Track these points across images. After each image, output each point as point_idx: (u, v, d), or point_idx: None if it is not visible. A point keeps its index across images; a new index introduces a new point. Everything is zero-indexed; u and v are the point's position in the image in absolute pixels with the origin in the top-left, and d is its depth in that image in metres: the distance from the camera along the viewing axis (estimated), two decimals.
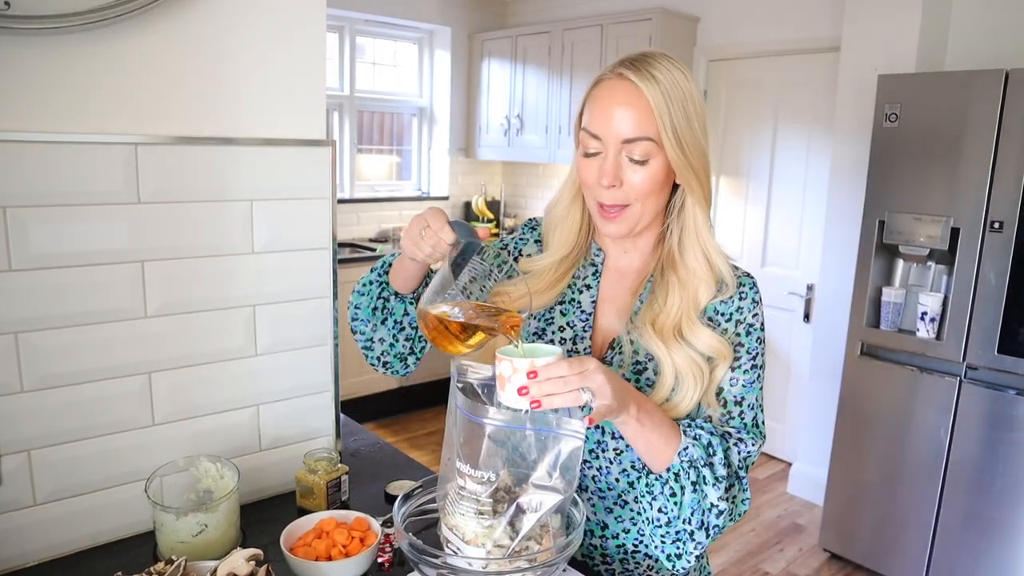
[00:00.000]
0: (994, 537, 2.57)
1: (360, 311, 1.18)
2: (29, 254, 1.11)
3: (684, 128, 1.00)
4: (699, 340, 1.05)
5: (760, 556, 3.13)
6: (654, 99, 0.98)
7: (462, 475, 0.96)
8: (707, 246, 1.07)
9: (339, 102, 4.84)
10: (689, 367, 1.04)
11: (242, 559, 1.01)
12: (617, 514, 1.14)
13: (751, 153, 3.95)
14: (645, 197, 1.04)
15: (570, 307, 1.17)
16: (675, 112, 0.99)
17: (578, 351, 1.14)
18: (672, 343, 1.04)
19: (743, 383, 1.07)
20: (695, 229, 1.07)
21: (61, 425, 1.18)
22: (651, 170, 1.02)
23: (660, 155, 1.01)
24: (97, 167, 1.16)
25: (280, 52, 1.34)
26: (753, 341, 1.08)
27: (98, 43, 1.15)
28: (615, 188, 1.03)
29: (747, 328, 1.08)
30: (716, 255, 1.08)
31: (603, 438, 1.12)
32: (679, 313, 1.06)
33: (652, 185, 1.03)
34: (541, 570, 0.94)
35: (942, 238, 2.61)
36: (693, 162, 1.02)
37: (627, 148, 1.01)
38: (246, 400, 1.38)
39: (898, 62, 3.01)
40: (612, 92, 1.02)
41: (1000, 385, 2.53)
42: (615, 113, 1.00)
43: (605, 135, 1.02)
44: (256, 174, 1.32)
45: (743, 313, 1.08)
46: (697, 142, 1.02)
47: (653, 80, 0.98)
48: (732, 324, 1.08)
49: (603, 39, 4.19)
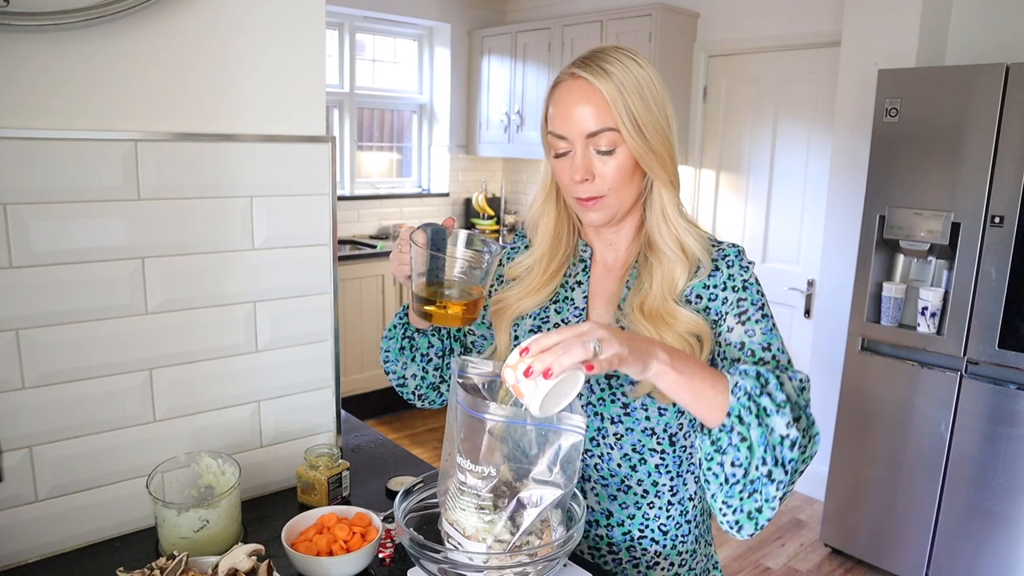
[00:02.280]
0: (995, 532, 2.58)
1: (390, 353, 1.28)
2: (30, 251, 1.11)
3: (642, 114, 1.04)
4: (679, 321, 1.06)
5: (761, 551, 3.14)
6: (608, 91, 1.03)
7: (463, 470, 0.96)
8: (677, 228, 1.10)
9: (339, 99, 4.84)
10: (680, 347, 1.04)
11: (243, 554, 1.01)
12: (621, 500, 1.15)
13: (751, 149, 3.95)
14: (618, 186, 1.08)
15: (564, 305, 1.20)
16: (631, 100, 1.03)
17: None
18: (661, 324, 1.06)
19: (761, 331, 1.08)
20: (663, 212, 1.10)
21: (62, 421, 1.18)
22: (619, 159, 1.06)
23: (625, 144, 1.05)
24: (97, 164, 1.16)
25: (280, 48, 1.34)
26: (753, 293, 1.10)
27: (97, 40, 1.15)
28: (588, 182, 1.07)
29: (743, 285, 1.10)
30: (687, 236, 1.10)
31: (603, 424, 1.13)
32: (660, 295, 1.08)
33: (622, 173, 1.07)
34: (542, 564, 0.94)
35: (943, 233, 2.61)
36: (655, 146, 1.06)
37: (592, 142, 1.05)
38: (247, 396, 1.38)
39: (898, 57, 3.00)
40: (569, 92, 1.07)
41: (1001, 380, 2.53)
42: (575, 111, 1.05)
43: (569, 133, 1.06)
44: (256, 170, 1.32)
45: (734, 279, 1.10)
46: (658, 126, 1.05)
47: (604, 73, 1.03)
48: (728, 292, 1.10)
49: (603, 35, 4.18)
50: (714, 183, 4.15)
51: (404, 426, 4.35)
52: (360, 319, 4.27)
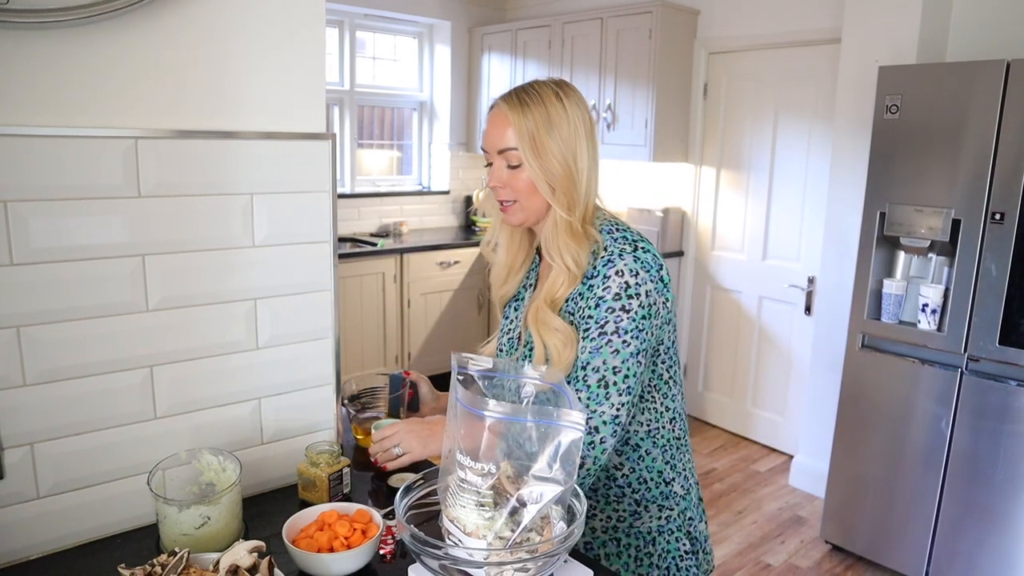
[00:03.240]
0: (995, 528, 2.58)
1: None
2: (30, 248, 1.12)
3: (545, 142, 1.24)
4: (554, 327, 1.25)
5: (762, 548, 3.14)
6: (515, 120, 1.25)
7: (463, 467, 0.96)
8: (560, 243, 1.27)
9: (339, 97, 4.84)
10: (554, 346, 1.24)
11: (244, 551, 1.02)
12: None
13: (752, 146, 3.94)
14: (525, 196, 1.28)
15: (520, 303, 1.43)
16: (535, 128, 1.24)
17: (512, 340, 1.41)
18: (543, 329, 1.25)
19: (589, 350, 1.22)
20: (553, 228, 1.28)
21: (63, 419, 1.18)
22: (523, 173, 1.27)
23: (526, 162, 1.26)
24: (97, 161, 1.16)
25: (280, 46, 1.34)
26: (601, 312, 1.22)
27: (98, 37, 1.15)
28: (501, 188, 1.30)
29: (596, 301, 1.23)
30: (567, 252, 1.26)
31: None
32: (542, 301, 1.28)
33: (527, 185, 1.27)
34: (542, 561, 0.94)
35: (943, 230, 2.60)
36: (552, 170, 1.25)
37: (504, 157, 1.28)
38: (248, 393, 1.38)
39: (899, 53, 3.00)
40: (493, 116, 1.30)
41: (1001, 376, 2.53)
42: (492, 132, 1.29)
43: (488, 148, 1.30)
44: (256, 168, 1.32)
45: (594, 290, 1.24)
46: (558, 154, 1.25)
47: (519, 104, 1.25)
48: (582, 303, 1.25)
49: (603, 32, 4.18)
50: (714, 180, 4.15)
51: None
52: (361, 317, 4.27)
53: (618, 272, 1.22)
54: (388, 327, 4.45)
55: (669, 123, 4.09)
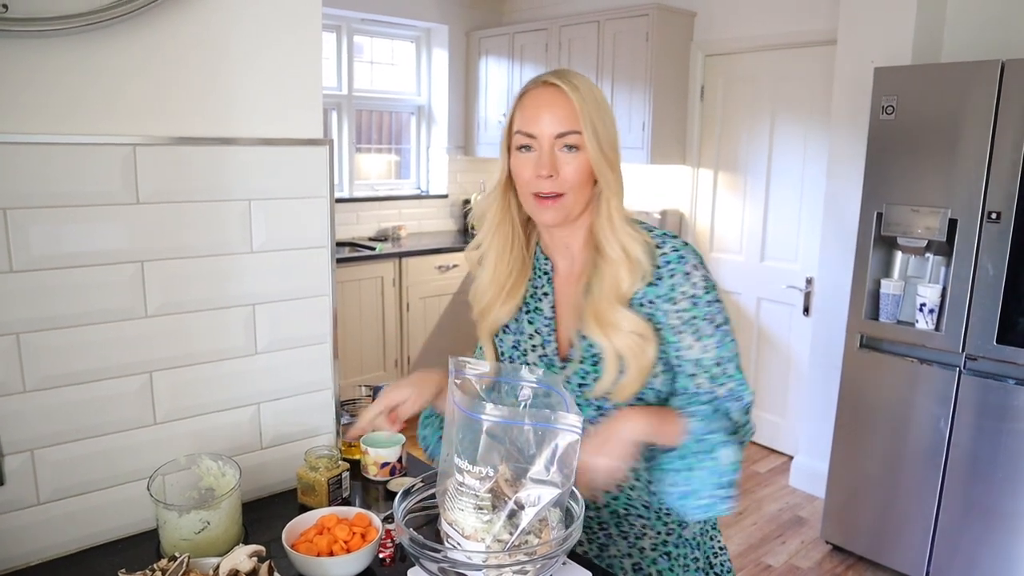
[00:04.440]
0: (995, 527, 2.58)
1: (428, 440, 1.38)
2: (30, 255, 1.12)
3: (600, 126, 1.15)
4: (625, 322, 1.15)
5: (762, 549, 3.14)
6: (577, 101, 1.14)
7: (461, 470, 0.96)
8: (620, 233, 1.17)
9: (337, 101, 4.84)
10: (628, 350, 1.14)
11: (244, 555, 1.02)
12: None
13: (749, 148, 3.95)
14: (577, 186, 1.16)
15: (535, 315, 1.27)
16: (592, 112, 1.14)
17: (547, 354, 1.25)
18: (610, 330, 1.15)
19: (715, 346, 1.16)
20: (609, 218, 1.18)
21: (63, 425, 1.19)
22: (579, 160, 1.15)
23: (585, 149, 1.15)
24: (96, 168, 1.16)
25: (276, 51, 1.35)
26: (703, 307, 1.16)
27: (96, 45, 1.16)
28: (552, 178, 1.15)
29: (691, 300, 1.16)
30: (631, 241, 1.17)
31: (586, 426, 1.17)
32: (607, 299, 1.17)
33: (581, 174, 1.16)
34: (541, 563, 0.95)
35: (940, 229, 2.61)
36: (608, 156, 1.16)
37: (559, 142, 1.15)
38: (247, 398, 1.38)
39: (894, 54, 3.01)
40: (540, 97, 1.17)
41: (999, 375, 2.53)
42: (545, 113, 1.15)
43: (539, 133, 1.16)
44: (254, 174, 1.33)
45: (676, 291, 1.16)
46: (610, 139, 1.17)
47: (574, 87, 1.15)
48: (670, 304, 1.16)
49: (600, 35, 4.19)
50: (712, 182, 4.15)
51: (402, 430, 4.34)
52: (359, 321, 4.27)
53: (694, 267, 1.17)
54: (387, 331, 4.45)
55: (666, 125, 4.10)
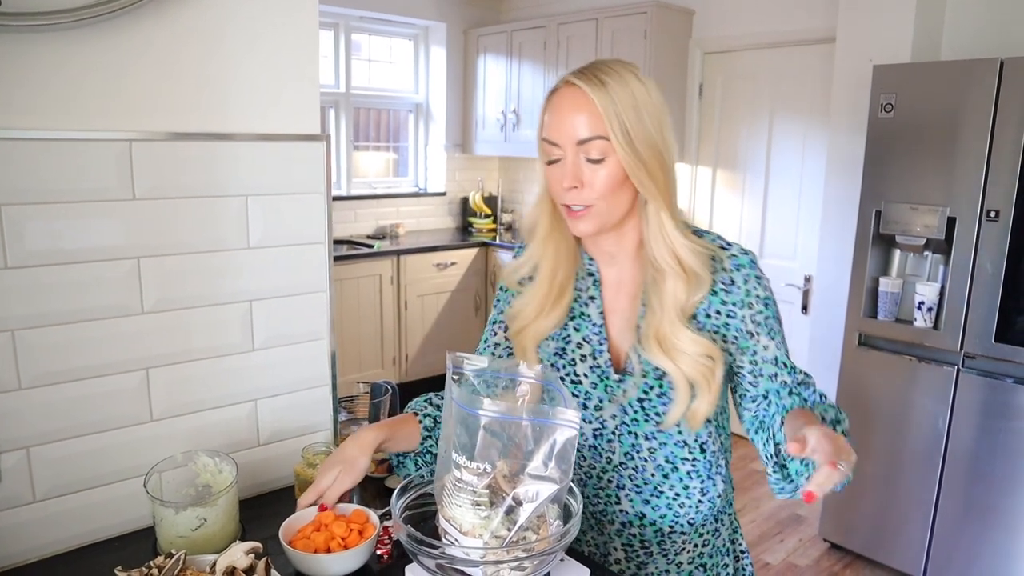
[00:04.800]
0: (993, 525, 2.58)
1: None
2: (25, 251, 1.11)
3: (634, 126, 1.04)
4: (685, 345, 1.08)
5: (761, 547, 3.14)
6: (601, 101, 1.03)
7: (458, 466, 0.96)
8: (672, 242, 1.09)
9: (335, 99, 4.84)
10: (698, 372, 1.08)
11: (241, 552, 1.02)
12: (654, 504, 1.19)
13: (747, 146, 3.95)
14: (607, 195, 1.07)
15: (582, 321, 1.19)
16: (623, 112, 1.04)
17: (599, 365, 1.17)
18: (676, 355, 1.08)
19: (782, 342, 1.14)
20: (659, 228, 1.10)
21: (59, 422, 1.18)
22: (608, 168, 1.06)
23: (615, 154, 1.05)
24: (92, 164, 1.16)
25: (273, 46, 1.34)
26: (772, 308, 1.14)
27: (91, 40, 1.15)
28: (577, 190, 1.07)
29: (764, 302, 1.13)
30: (684, 251, 1.09)
31: (637, 441, 1.16)
32: (670, 319, 1.09)
33: (611, 183, 1.06)
34: (539, 559, 0.94)
35: (938, 228, 2.61)
36: (645, 159, 1.05)
37: (583, 149, 1.06)
38: (244, 395, 1.38)
39: (894, 52, 3.00)
40: (563, 100, 1.07)
41: (997, 374, 2.53)
42: (567, 119, 1.06)
43: (561, 140, 1.07)
44: (251, 169, 1.32)
45: (752, 295, 1.12)
46: (649, 139, 1.05)
47: (600, 83, 1.04)
48: (745, 310, 1.11)
49: (598, 33, 4.19)
50: (710, 180, 4.15)
51: None
52: (357, 319, 4.26)
53: (759, 268, 1.14)
54: (385, 329, 4.44)
55: None
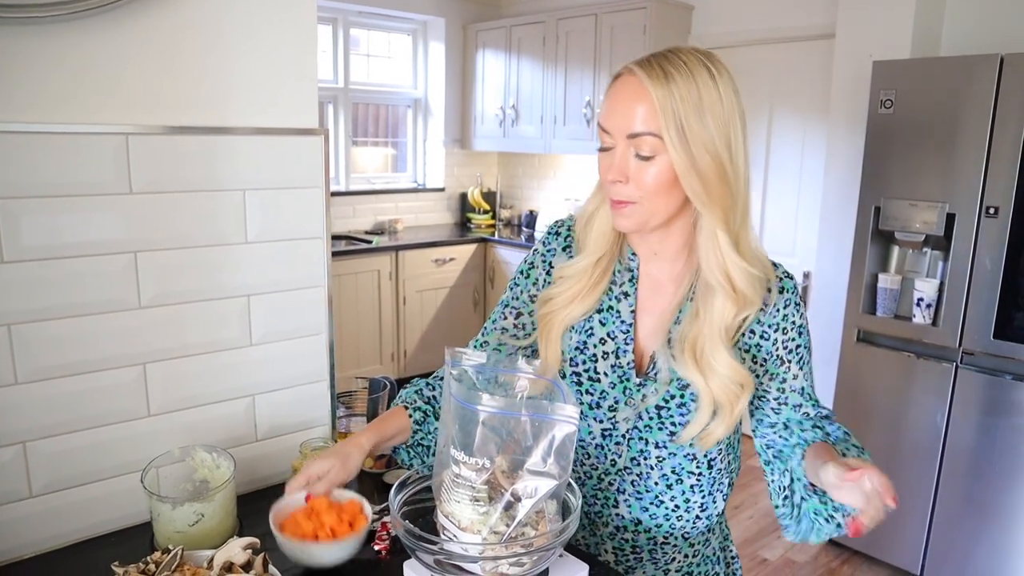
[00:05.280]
0: (991, 521, 2.58)
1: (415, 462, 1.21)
2: (21, 245, 1.11)
3: (694, 127, 0.96)
4: (721, 366, 1.03)
5: (758, 543, 3.14)
6: (658, 96, 0.96)
7: (457, 462, 0.96)
8: (724, 262, 1.03)
9: (334, 94, 4.83)
10: (725, 396, 1.04)
11: (239, 548, 1.01)
12: (652, 512, 1.16)
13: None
14: (653, 195, 1.01)
15: (609, 316, 1.13)
16: (683, 110, 0.96)
17: (620, 366, 1.12)
18: (708, 371, 1.04)
19: (810, 373, 1.14)
20: (711, 241, 1.03)
21: (56, 417, 1.18)
22: (658, 167, 0.99)
23: (667, 153, 0.98)
24: (89, 158, 1.15)
25: (271, 40, 1.33)
26: (806, 337, 1.13)
27: (87, 33, 1.14)
28: (621, 184, 1.01)
29: (798, 330, 1.11)
30: (736, 271, 1.03)
31: (646, 448, 1.13)
32: (713, 335, 1.04)
33: (659, 183, 1.00)
34: (537, 555, 0.94)
35: (938, 224, 2.61)
36: (702, 166, 0.98)
37: (634, 144, 0.99)
38: (241, 390, 1.38)
39: (893, 48, 3.00)
40: (623, 88, 1.01)
41: (996, 370, 2.53)
42: (621, 109, 1.00)
43: (613, 129, 1.01)
44: (249, 163, 1.32)
45: (788, 320, 1.10)
46: (710, 144, 0.98)
47: (663, 76, 0.96)
48: (779, 334, 1.10)
49: (598, 28, 4.18)
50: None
51: None
52: (356, 314, 4.26)
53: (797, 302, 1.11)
54: (384, 324, 4.44)
55: None
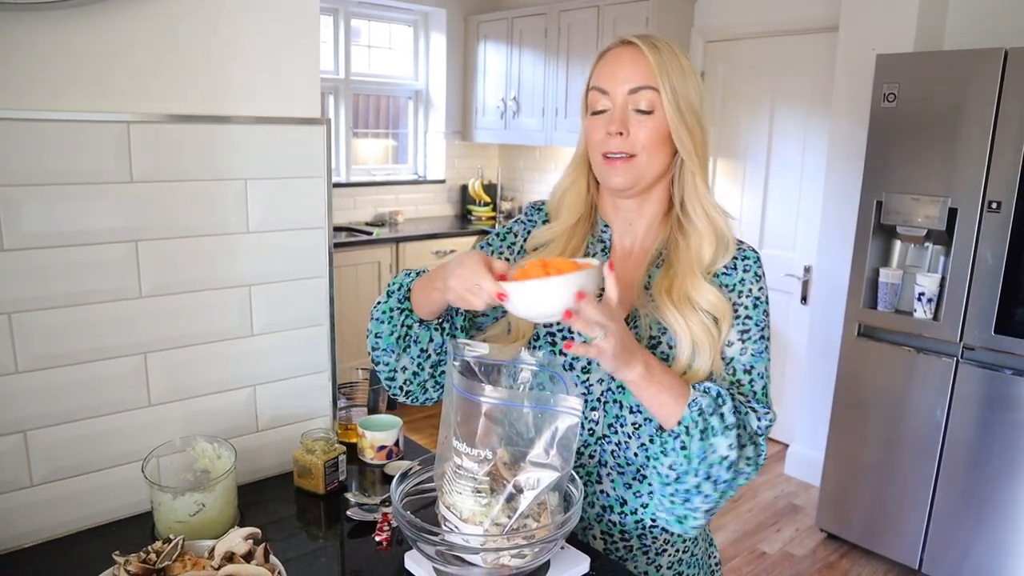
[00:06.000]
0: (990, 516, 2.59)
1: (381, 340, 1.15)
2: (22, 233, 1.10)
3: (681, 87, 1.09)
4: (704, 298, 1.09)
5: (757, 536, 3.15)
6: (655, 59, 1.08)
7: (459, 454, 0.95)
8: (705, 203, 1.13)
9: (335, 85, 4.81)
10: (703, 333, 1.08)
11: (240, 538, 1.01)
12: (636, 489, 1.14)
13: (748, 135, 3.93)
14: (650, 148, 1.10)
15: None
16: (673, 73, 1.08)
17: None
18: (687, 310, 1.08)
19: (752, 352, 1.12)
20: (694, 187, 1.13)
21: (57, 406, 1.17)
22: (655, 121, 1.09)
23: (662, 109, 1.09)
24: (89, 145, 1.14)
25: (273, 28, 1.33)
26: (760, 314, 1.13)
27: (89, 19, 1.14)
28: (622, 137, 1.09)
29: (754, 301, 1.13)
30: (716, 212, 1.13)
31: (621, 412, 1.12)
32: (688, 270, 1.10)
33: (656, 136, 1.09)
34: (539, 547, 0.94)
35: (940, 218, 2.60)
36: (688, 120, 1.10)
37: (632, 99, 1.09)
38: (243, 380, 1.37)
39: (896, 41, 2.99)
40: (619, 54, 1.12)
41: (996, 365, 2.53)
42: (622, 68, 1.10)
43: (612, 88, 1.10)
44: (250, 152, 1.31)
45: (746, 284, 1.13)
46: (692, 104, 1.10)
47: (654, 47, 1.09)
48: (735, 295, 1.13)
49: (599, 20, 4.16)
50: (711, 170, 4.14)
51: (400, 413, 4.34)
52: (356, 306, 4.25)
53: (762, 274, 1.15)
54: None
55: None
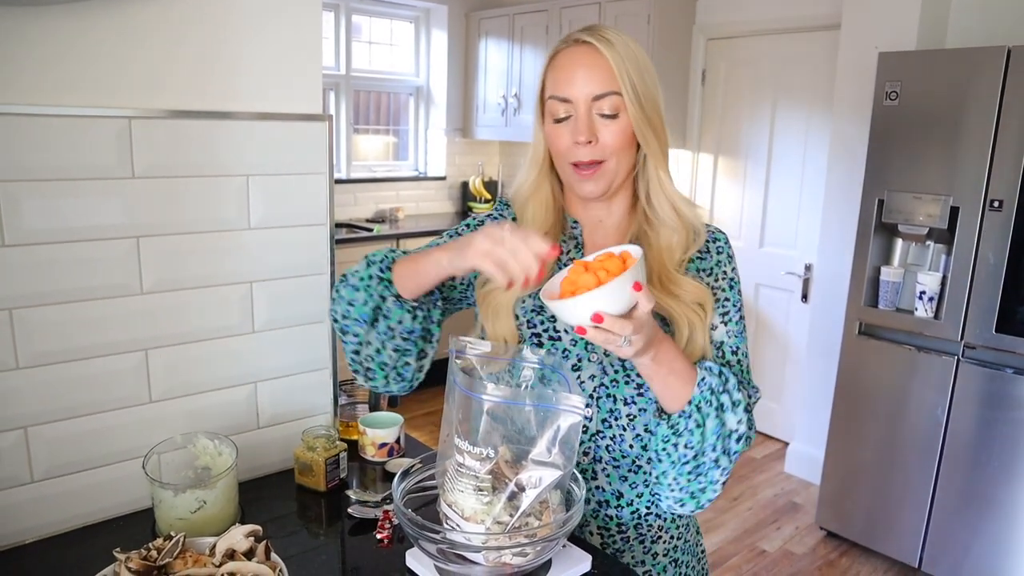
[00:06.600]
0: (990, 515, 2.59)
1: (354, 308, 1.09)
2: (23, 229, 1.10)
3: (640, 84, 1.06)
4: (684, 291, 1.09)
5: (757, 534, 3.15)
6: (613, 58, 1.05)
7: (461, 452, 0.95)
8: (671, 197, 1.13)
9: (335, 81, 4.80)
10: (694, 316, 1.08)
11: (241, 535, 1.01)
12: (631, 480, 1.15)
13: (749, 132, 3.93)
14: (619, 152, 1.09)
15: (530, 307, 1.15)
16: (631, 70, 1.05)
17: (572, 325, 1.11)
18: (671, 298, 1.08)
19: (734, 333, 1.14)
20: (658, 181, 1.12)
21: (58, 402, 1.17)
22: (621, 124, 1.07)
23: (626, 111, 1.07)
24: (91, 141, 1.14)
25: (275, 25, 1.32)
26: (736, 294, 1.15)
27: (91, 16, 1.13)
28: (591, 145, 1.07)
29: (729, 282, 1.15)
30: (682, 204, 1.13)
31: (615, 406, 1.12)
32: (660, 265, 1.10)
33: (623, 139, 1.08)
34: (541, 545, 0.94)
35: (941, 217, 2.60)
36: (651, 116, 1.08)
37: (597, 105, 1.07)
38: (244, 377, 1.37)
39: (899, 39, 2.98)
40: (574, 57, 1.07)
41: (997, 364, 2.53)
42: (580, 74, 1.06)
43: (574, 96, 1.07)
44: (252, 149, 1.31)
45: (721, 267, 1.15)
46: (652, 97, 1.08)
47: (608, 43, 1.05)
48: (712, 279, 1.14)
49: (601, 18, 4.15)
50: (712, 167, 4.13)
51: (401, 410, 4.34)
52: None
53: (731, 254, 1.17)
54: None
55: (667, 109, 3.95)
